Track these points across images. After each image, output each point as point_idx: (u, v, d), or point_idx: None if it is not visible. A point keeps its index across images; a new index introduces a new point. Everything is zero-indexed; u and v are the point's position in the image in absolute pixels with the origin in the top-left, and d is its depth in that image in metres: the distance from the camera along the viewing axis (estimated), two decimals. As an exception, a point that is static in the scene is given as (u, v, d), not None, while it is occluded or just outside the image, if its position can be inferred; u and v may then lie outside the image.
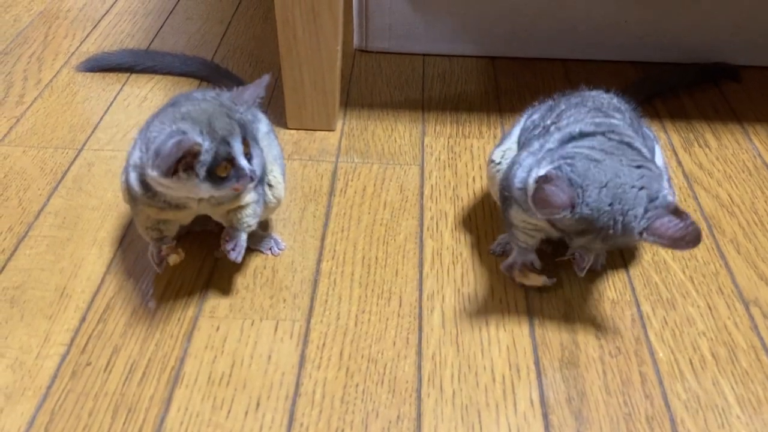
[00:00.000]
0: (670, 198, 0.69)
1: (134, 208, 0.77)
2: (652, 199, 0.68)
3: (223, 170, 0.69)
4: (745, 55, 1.26)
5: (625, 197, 0.67)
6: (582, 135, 0.73)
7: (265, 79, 0.76)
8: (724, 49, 1.25)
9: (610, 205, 0.67)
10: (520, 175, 0.75)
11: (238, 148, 0.70)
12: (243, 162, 0.70)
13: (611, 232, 0.68)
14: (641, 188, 0.68)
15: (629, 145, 0.72)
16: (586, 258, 0.77)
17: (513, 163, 0.78)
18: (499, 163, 0.82)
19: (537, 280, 0.80)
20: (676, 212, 0.67)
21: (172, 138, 0.67)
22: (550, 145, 0.75)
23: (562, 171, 0.68)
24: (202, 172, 0.69)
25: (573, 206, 0.67)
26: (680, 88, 1.20)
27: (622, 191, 0.67)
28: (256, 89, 0.75)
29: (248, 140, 0.72)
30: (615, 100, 0.83)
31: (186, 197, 0.73)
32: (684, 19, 1.24)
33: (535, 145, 0.77)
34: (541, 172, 0.69)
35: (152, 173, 0.69)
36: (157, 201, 0.74)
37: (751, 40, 1.25)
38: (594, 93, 0.84)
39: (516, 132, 0.86)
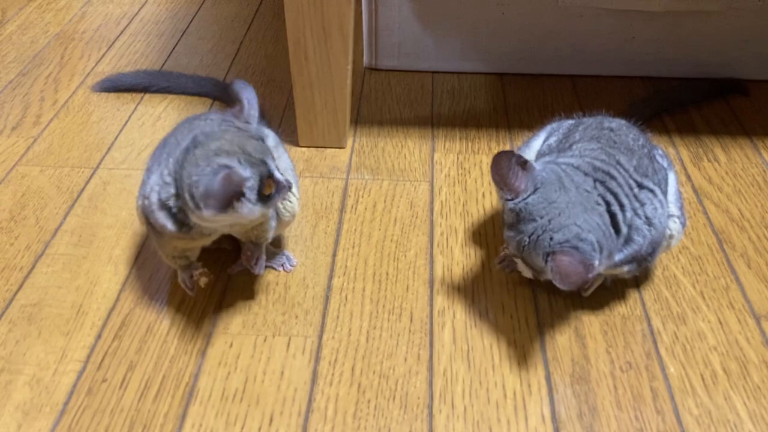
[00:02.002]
0: (595, 258, 0.70)
1: (159, 241, 0.78)
2: (580, 239, 0.69)
3: (269, 188, 0.71)
4: (753, 69, 1.26)
5: (558, 220, 0.70)
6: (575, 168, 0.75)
7: (248, 91, 0.77)
8: (732, 64, 1.26)
9: (540, 217, 0.70)
10: None
11: (272, 164, 0.72)
12: (279, 175, 0.72)
13: (527, 240, 0.71)
14: (577, 226, 0.70)
15: (607, 204, 0.73)
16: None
17: None
18: None
19: None
20: (584, 264, 0.68)
21: (217, 175, 0.68)
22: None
23: (530, 164, 0.72)
24: (253, 197, 0.70)
25: (517, 194, 0.71)
26: (688, 104, 1.20)
27: (558, 214, 0.70)
28: (251, 104, 0.76)
29: (273, 155, 0.74)
30: (630, 138, 0.81)
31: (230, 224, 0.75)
32: (692, 33, 1.25)
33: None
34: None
35: (206, 213, 0.69)
36: (191, 234, 0.75)
37: (759, 54, 1.25)
38: (613, 125, 0.82)
39: (534, 147, 0.87)
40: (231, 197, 0.68)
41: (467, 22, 1.26)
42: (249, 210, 0.71)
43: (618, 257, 0.75)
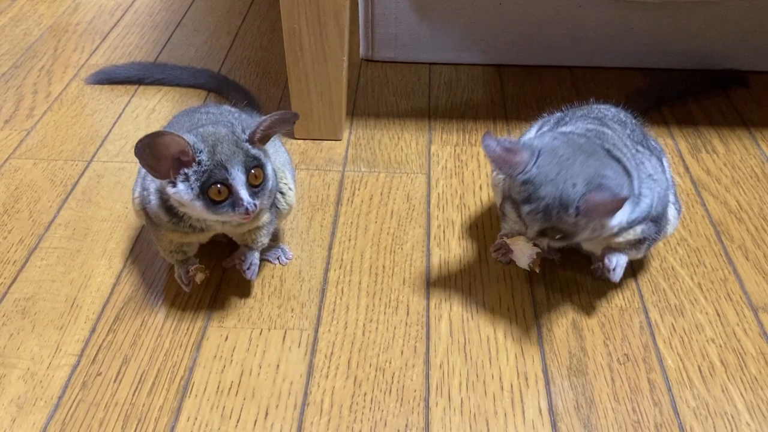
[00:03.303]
0: (622, 188, 0.70)
1: (156, 234, 0.78)
2: (602, 177, 0.69)
3: (216, 194, 0.69)
4: (752, 61, 1.25)
5: (572, 170, 0.69)
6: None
7: (291, 115, 0.73)
8: (731, 55, 1.25)
9: (556, 173, 0.69)
10: None
11: (238, 178, 0.69)
12: (242, 193, 0.69)
13: (550, 201, 0.69)
14: (593, 168, 0.69)
15: (607, 151, 0.72)
16: (614, 260, 0.77)
17: None
18: None
19: (519, 240, 0.78)
20: (614, 195, 0.68)
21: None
22: None
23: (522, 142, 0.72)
24: (195, 187, 0.69)
25: (524, 164, 0.70)
26: (688, 95, 1.20)
27: (570, 165, 0.69)
28: (280, 125, 0.73)
29: (259, 174, 0.71)
30: (621, 114, 0.83)
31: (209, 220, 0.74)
32: (691, 25, 1.24)
33: None
34: None
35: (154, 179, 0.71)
36: (182, 226, 0.74)
37: (758, 45, 1.24)
38: (602, 107, 0.84)
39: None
40: (172, 164, 0.68)
41: (465, 12, 1.25)
42: (190, 200, 0.69)
43: (632, 216, 0.74)
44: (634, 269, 0.86)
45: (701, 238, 0.91)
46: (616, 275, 0.78)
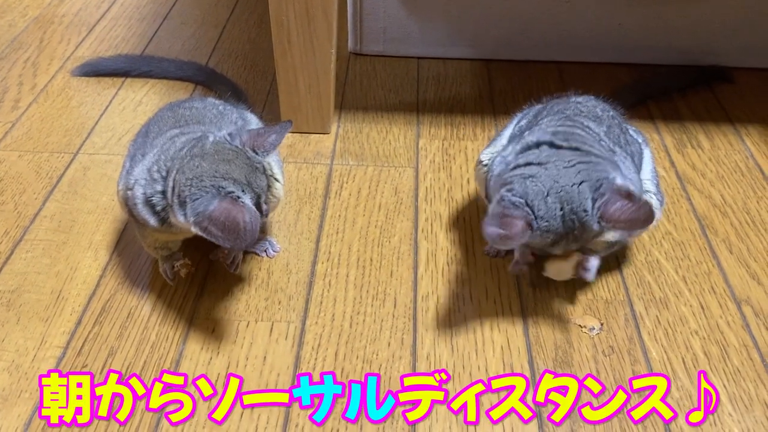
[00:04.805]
0: (618, 181, 0.70)
1: (141, 231, 0.78)
2: (595, 189, 0.69)
3: None
4: (737, 57, 1.26)
5: (569, 197, 0.69)
6: (537, 145, 0.75)
7: (288, 125, 0.75)
8: (717, 51, 1.26)
9: (561, 209, 0.69)
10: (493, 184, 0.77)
11: (263, 198, 0.72)
12: (264, 207, 0.72)
13: (575, 232, 0.70)
14: (581, 183, 0.70)
15: (575, 149, 0.72)
16: (592, 261, 0.78)
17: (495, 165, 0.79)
18: (486, 165, 0.83)
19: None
20: (625, 195, 0.68)
21: (221, 201, 0.67)
22: (510, 157, 0.76)
23: (504, 200, 0.70)
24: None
25: (531, 226, 0.69)
26: (674, 91, 1.21)
27: (564, 192, 0.69)
28: (278, 136, 0.73)
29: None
30: (599, 108, 0.82)
31: None
32: (677, 21, 1.25)
33: (509, 148, 0.78)
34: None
35: (193, 228, 0.68)
36: (172, 229, 0.74)
37: (743, 41, 1.25)
38: (580, 99, 0.84)
39: (506, 135, 0.86)
40: (223, 227, 0.67)
41: (453, 7, 1.25)
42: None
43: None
44: (620, 262, 0.87)
45: (686, 232, 0.92)
46: (592, 275, 0.79)
